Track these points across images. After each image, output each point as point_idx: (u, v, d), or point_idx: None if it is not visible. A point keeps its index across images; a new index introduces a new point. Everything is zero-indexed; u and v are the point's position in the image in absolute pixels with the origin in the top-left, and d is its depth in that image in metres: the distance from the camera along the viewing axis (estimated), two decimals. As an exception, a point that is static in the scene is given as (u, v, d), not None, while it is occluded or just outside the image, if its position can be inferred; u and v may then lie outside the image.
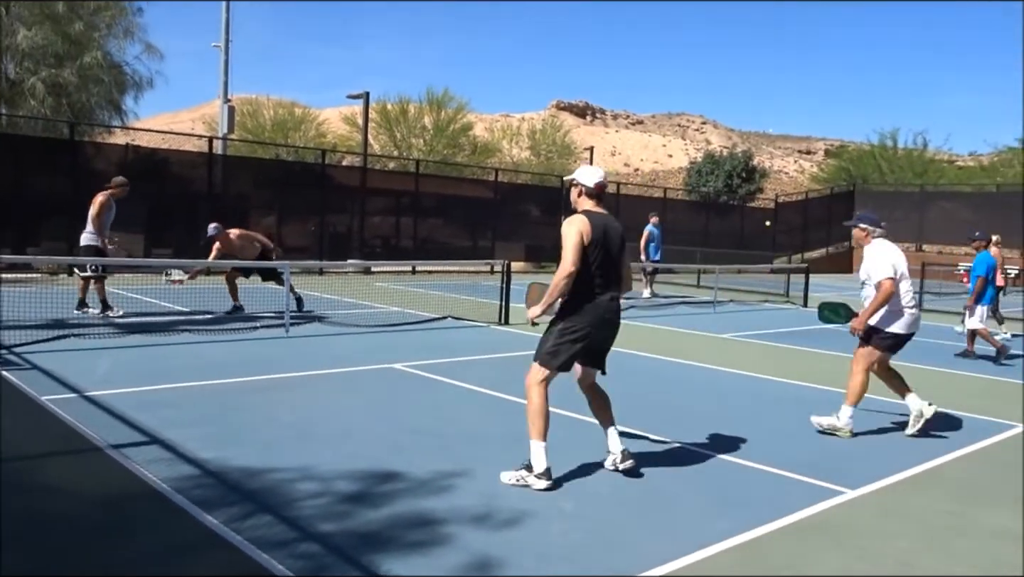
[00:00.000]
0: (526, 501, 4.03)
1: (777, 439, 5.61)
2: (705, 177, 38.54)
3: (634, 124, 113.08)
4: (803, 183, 64.21)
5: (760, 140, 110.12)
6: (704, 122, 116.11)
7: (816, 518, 4.04)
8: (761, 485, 4.55)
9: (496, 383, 6.95)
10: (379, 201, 22.72)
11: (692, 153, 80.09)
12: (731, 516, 3.98)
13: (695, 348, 9.88)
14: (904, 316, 5.74)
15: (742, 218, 34.03)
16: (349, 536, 3.48)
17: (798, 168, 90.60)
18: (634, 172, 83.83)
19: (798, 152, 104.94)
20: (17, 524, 3.48)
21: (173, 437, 4.79)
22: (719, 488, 4.44)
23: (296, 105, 39.65)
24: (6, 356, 7.03)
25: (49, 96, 19.69)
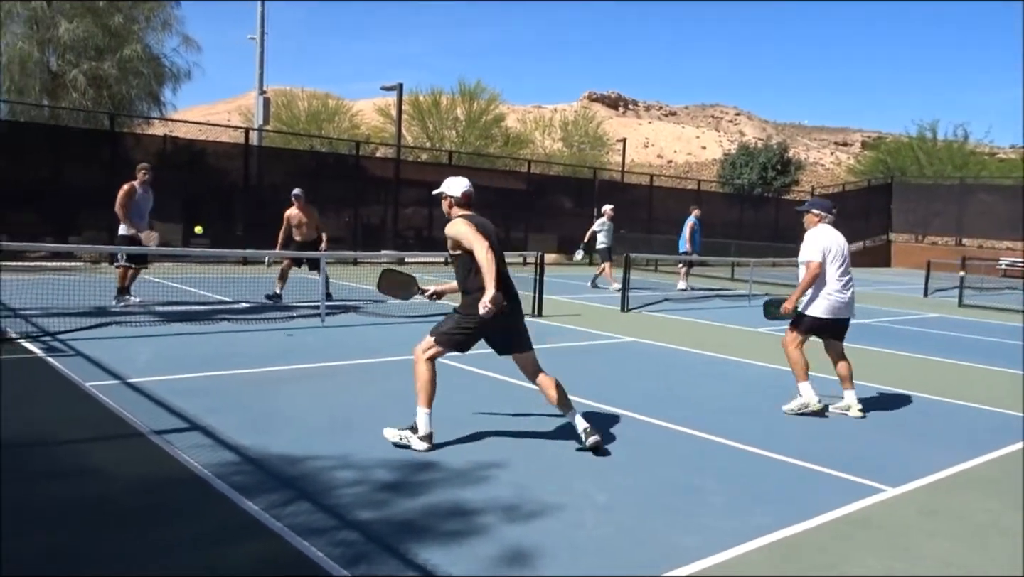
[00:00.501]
0: (560, 494, 4.04)
1: (813, 434, 5.55)
2: (739, 169, 38.08)
3: (667, 115, 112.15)
4: (839, 175, 63.20)
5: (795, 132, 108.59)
6: (738, 113, 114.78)
7: (855, 516, 3.99)
8: (797, 481, 4.51)
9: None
10: (412, 192, 22.82)
11: (726, 145, 79.20)
12: (766, 512, 3.95)
13: (729, 341, 9.81)
14: (826, 301, 5.97)
15: (777, 211, 33.59)
16: (387, 524, 3.52)
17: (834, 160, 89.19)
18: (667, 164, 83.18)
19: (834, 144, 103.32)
20: (64, 507, 3.57)
21: (213, 424, 4.88)
22: (754, 484, 4.41)
23: (330, 97, 39.93)
24: (51, 343, 7.21)
25: (90, 88, 20.05)
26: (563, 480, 4.26)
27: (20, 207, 16.32)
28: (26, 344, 7.09)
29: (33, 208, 16.51)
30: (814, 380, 6.12)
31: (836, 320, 6.06)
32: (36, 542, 3.21)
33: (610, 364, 7.84)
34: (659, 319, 11.79)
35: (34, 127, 18.56)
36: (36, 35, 20.03)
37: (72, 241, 15.98)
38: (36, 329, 7.78)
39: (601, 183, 28.28)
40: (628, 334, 9.84)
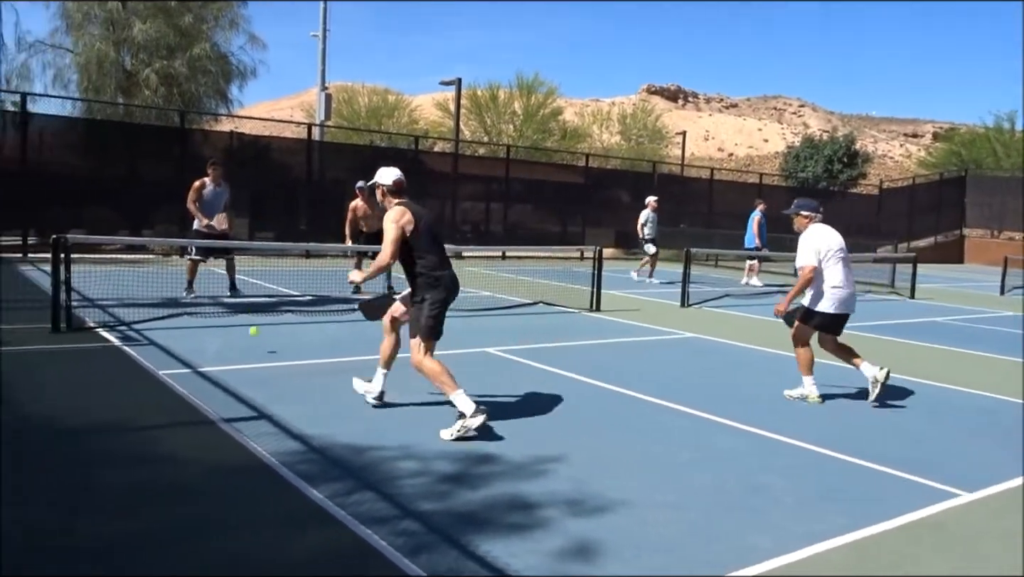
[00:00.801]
0: (622, 490, 4.00)
1: (884, 435, 5.37)
2: (803, 162, 37.13)
3: (728, 108, 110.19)
4: (909, 168, 61.18)
5: (863, 123, 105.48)
6: (802, 105, 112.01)
7: (931, 520, 3.85)
8: (869, 482, 4.37)
9: (588, 369, 6.93)
10: (469, 186, 22.93)
11: (789, 137, 77.44)
12: (839, 513, 3.84)
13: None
14: (829, 296, 6.08)
15: (843, 205, 32.66)
16: (448, 516, 3.54)
17: (904, 152, 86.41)
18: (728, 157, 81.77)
19: (904, 135, 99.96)
20: (136, 491, 3.69)
21: (280, 413, 4.98)
22: (825, 484, 4.29)
23: (389, 92, 40.40)
24: (126, 332, 7.47)
25: (162, 86, 20.72)
26: (624, 476, 4.22)
27: (97, 202, 16.97)
28: (103, 333, 7.37)
29: (109, 203, 17.14)
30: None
31: (839, 315, 6.17)
32: (111, 522, 3.33)
33: (670, 360, 7.74)
34: (720, 315, 11.59)
35: (110, 125, 19.26)
36: (112, 36, 20.77)
37: (145, 234, 16.55)
38: (112, 319, 8.07)
39: (660, 177, 27.95)
40: (688, 330, 9.70)
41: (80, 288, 8.58)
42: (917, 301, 15.19)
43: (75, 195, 16.54)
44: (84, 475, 3.85)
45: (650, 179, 26.62)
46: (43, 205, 15.66)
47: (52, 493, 3.61)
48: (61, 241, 7.40)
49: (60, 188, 16.22)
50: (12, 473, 3.83)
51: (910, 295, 15.67)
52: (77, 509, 3.45)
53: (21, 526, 3.25)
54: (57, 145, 17.31)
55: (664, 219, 26.63)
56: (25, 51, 20.88)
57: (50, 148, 16.95)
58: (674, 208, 26.75)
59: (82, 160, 17.81)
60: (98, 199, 16.97)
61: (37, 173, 15.64)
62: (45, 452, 4.17)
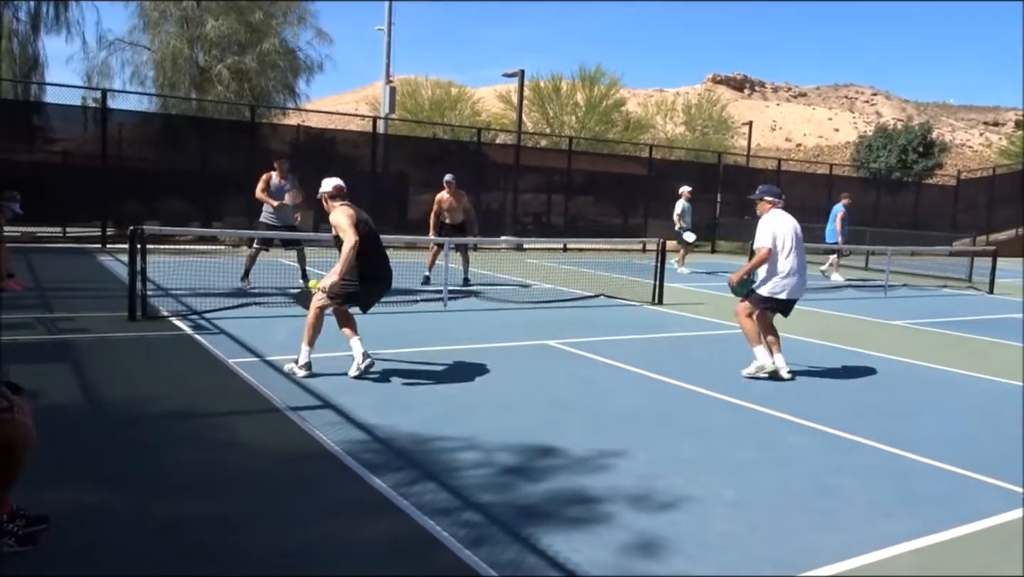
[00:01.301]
0: (687, 486, 3.93)
1: (959, 436, 5.15)
2: (876, 152, 35.88)
3: (796, 97, 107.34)
4: (989, 157, 58.59)
5: (939, 111, 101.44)
6: (875, 93, 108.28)
7: (1010, 526, 3.67)
8: (944, 485, 4.20)
9: (650, 362, 6.84)
10: (531, 178, 22.90)
11: (861, 127, 74.97)
12: (911, 516, 3.69)
13: (864, 335, 9.27)
14: (776, 282, 6.39)
15: (917, 196, 31.47)
16: (509, 508, 3.54)
17: (984, 141, 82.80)
18: (796, 148, 79.72)
19: (984, 124, 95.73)
20: (207, 474, 3.80)
21: (344, 402, 5.06)
22: (896, 486, 4.13)
23: (452, 84, 40.61)
24: (198, 321, 7.71)
25: (233, 81, 21.25)
26: (688, 473, 4.14)
27: (171, 194, 17.55)
28: (176, 322, 7.61)
29: (182, 195, 17.71)
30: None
31: (787, 300, 6.50)
32: (182, 505, 3.43)
33: (734, 356, 7.57)
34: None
35: (184, 119, 19.87)
36: (186, 33, 21.40)
37: (215, 226, 17.04)
38: (185, 308, 8.34)
39: (726, 168, 27.40)
40: (754, 324, 9.47)
41: (155, 278, 8.88)
42: (996, 296, 14.54)
43: (150, 188, 17.14)
44: (155, 459, 3.99)
45: (715, 170, 26.13)
46: (121, 198, 16.28)
47: (126, 475, 3.75)
48: (137, 232, 7.68)
49: (137, 181, 16.83)
50: (90, 455, 3.98)
51: (989, 290, 15.01)
52: (149, 491, 3.57)
53: (98, 506, 3.38)
54: (134, 139, 17.96)
55: (730, 211, 26.20)
56: (105, 49, 21.70)
57: (128, 142, 17.60)
58: (740, 200, 26.21)
59: (157, 154, 18.46)
60: (172, 191, 17.54)
61: (115, 167, 16.26)
62: (119, 435, 4.33)
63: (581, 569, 3.00)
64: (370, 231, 5.81)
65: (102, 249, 14.70)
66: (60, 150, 17.53)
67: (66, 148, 17.55)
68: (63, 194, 15.57)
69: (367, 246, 5.70)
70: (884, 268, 15.36)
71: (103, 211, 15.72)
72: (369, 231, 5.79)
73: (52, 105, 18.27)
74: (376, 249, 5.90)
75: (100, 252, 14.24)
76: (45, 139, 17.68)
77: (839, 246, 15.55)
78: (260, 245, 10.39)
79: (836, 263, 16.02)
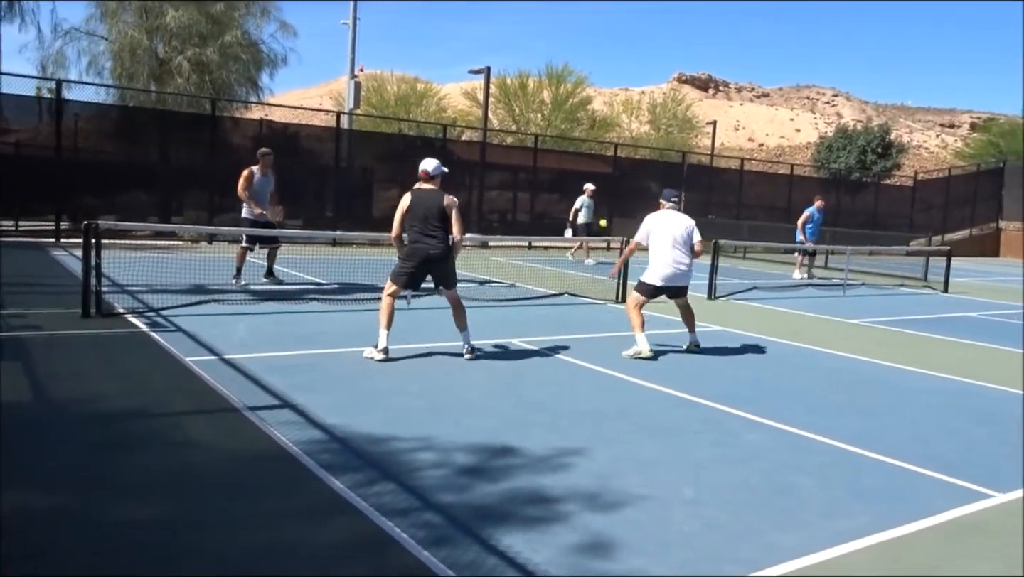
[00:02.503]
0: (644, 486, 3.95)
1: (913, 433, 5.26)
2: (836, 153, 36.54)
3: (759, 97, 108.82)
4: (945, 159, 60.03)
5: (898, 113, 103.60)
6: (836, 94, 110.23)
7: (963, 520, 3.75)
8: (897, 481, 4.28)
9: (612, 362, 6.87)
10: (497, 176, 22.86)
11: (822, 127, 76.28)
12: (866, 513, 3.76)
13: (823, 333, 9.42)
14: (655, 271, 7.33)
15: (876, 197, 32.10)
16: (468, 508, 3.52)
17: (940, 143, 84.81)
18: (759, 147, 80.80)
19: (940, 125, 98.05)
20: (161, 476, 3.72)
21: (303, 402, 5.00)
22: (851, 483, 4.20)
23: (418, 81, 40.37)
24: (154, 319, 7.55)
25: (193, 73, 20.84)
26: (647, 472, 4.17)
27: (128, 188, 17.19)
28: (132, 319, 7.45)
29: (140, 189, 17.36)
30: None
31: (668, 287, 7.37)
32: (134, 507, 3.35)
33: (697, 354, 7.65)
34: (748, 308, 11.45)
35: (142, 111, 19.47)
36: (145, 23, 20.93)
37: (174, 221, 16.73)
38: (141, 305, 8.16)
39: (690, 167, 27.66)
40: (716, 323, 9.59)
41: (110, 274, 8.68)
42: (951, 295, 14.90)
43: (107, 181, 16.77)
44: (109, 459, 3.89)
45: (679, 169, 26.36)
46: (76, 191, 15.90)
47: (77, 476, 3.65)
48: (92, 227, 7.49)
49: (92, 174, 16.46)
50: (40, 456, 3.87)
51: (943, 289, 15.37)
52: (101, 493, 3.48)
53: (47, 508, 3.29)
54: (90, 132, 17.54)
55: (693, 210, 26.47)
56: (61, 38, 21.12)
57: (84, 135, 17.18)
58: (703, 198, 26.49)
59: (114, 147, 18.04)
60: (129, 185, 17.19)
61: (71, 159, 15.88)
62: (72, 436, 4.22)
63: (541, 569, 3.00)
64: (425, 214, 6.57)
65: (56, 244, 14.34)
66: (13, 141, 17.05)
67: (19, 139, 17.08)
68: (16, 187, 15.15)
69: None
70: (843, 267, 15.64)
71: (57, 205, 15.34)
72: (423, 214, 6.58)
73: (5, 96, 17.76)
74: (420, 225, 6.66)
75: (54, 247, 13.89)
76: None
77: (803, 245, 15.82)
78: (248, 244, 10.22)
79: (800, 261, 16.29)
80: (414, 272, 6.55)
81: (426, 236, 6.47)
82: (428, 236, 6.47)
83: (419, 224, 6.47)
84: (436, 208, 6.49)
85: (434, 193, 6.58)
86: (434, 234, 6.48)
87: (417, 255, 6.49)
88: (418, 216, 6.47)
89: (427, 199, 6.52)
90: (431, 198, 6.53)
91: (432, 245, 6.48)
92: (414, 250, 6.51)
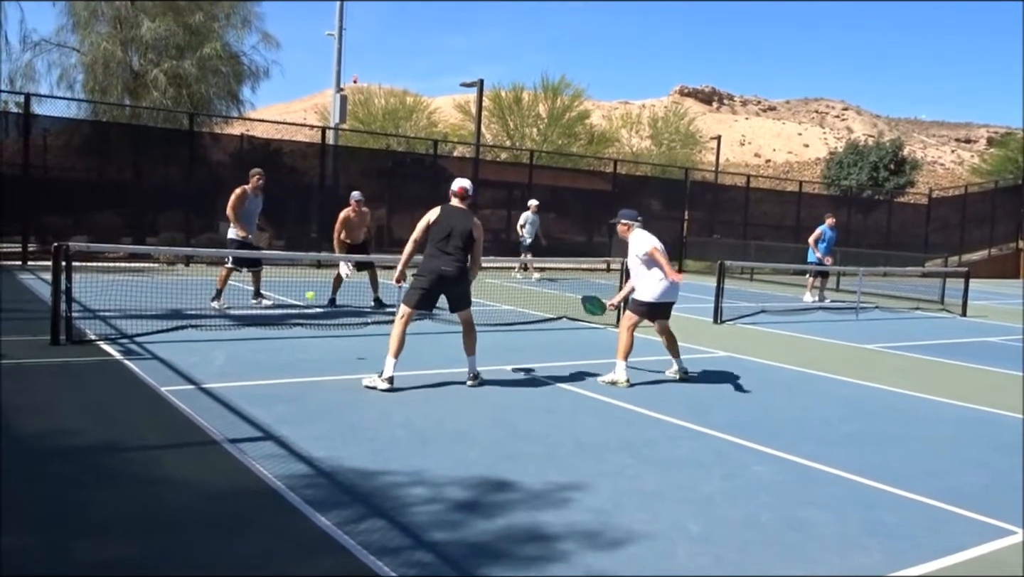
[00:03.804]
0: (648, 522, 3.96)
1: (930, 465, 5.29)
2: (847, 169, 36.86)
3: (766, 111, 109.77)
4: (961, 175, 60.56)
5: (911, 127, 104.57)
6: (846, 108, 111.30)
7: (986, 559, 3.77)
8: (914, 517, 4.30)
9: (612, 389, 6.90)
10: (490, 193, 22.99)
11: (832, 142, 76.94)
12: (881, 550, 3.77)
13: (835, 359, 9.46)
14: (656, 287, 7.30)
15: (889, 215, 32.33)
16: (462, 546, 3.52)
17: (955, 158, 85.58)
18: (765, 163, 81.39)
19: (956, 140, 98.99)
20: (135, 513, 3.71)
21: (287, 434, 5.00)
22: (865, 518, 4.22)
23: (408, 94, 40.64)
24: (128, 346, 7.55)
25: (170, 87, 20.98)
26: (651, 507, 4.18)
27: (101, 207, 17.21)
28: (104, 346, 7.45)
29: (113, 208, 17.38)
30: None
31: (659, 304, 7.38)
32: (106, 547, 3.34)
33: (703, 381, 7.68)
34: (756, 332, 11.49)
35: (115, 127, 19.55)
36: (119, 35, 21.09)
37: (149, 242, 16.74)
38: (114, 331, 8.17)
39: (693, 184, 27.84)
40: (722, 348, 9.62)
41: (81, 298, 8.68)
42: (969, 319, 14.98)
43: (78, 200, 16.81)
44: (78, 496, 3.88)
45: (682, 186, 26.53)
46: (44, 210, 15.92)
47: (46, 515, 3.64)
48: (63, 249, 7.51)
49: (62, 193, 16.49)
50: (4, 492, 3.86)
51: (961, 312, 15.45)
52: (71, 532, 3.48)
53: (12, 549, 3.28)
54: (60, 148, 17.63)
55: (697, 229, 26.62)
56: (30, 50, 21.22)
57: (53, 151, 17.25)
58: (707, 217, 26.66)
59: (86, 164, 18.12)
60: (102, 204, 17.22)
61: (39, 177, 15.92)
62: (39, 471, 4.21)
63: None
64: (448, 232, 6.67)
65: (22, 266, 14.33)
66: (-23, 158, 17.09)
67: (-16, 156, 17.12)
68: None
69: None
70: (856, 289, 15.73)
71: (24, 225, 15.33)
72: (447, 232, 6.69)
73: (-31, 110, 17.86)
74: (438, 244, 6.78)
75: (20, 269, 13.88)
76: (-41, 146, 17.24)
77: (815, 267, 15.91)
78: (233, 265, 10.27)
79: (811, 283, 16.37)
80: (428, 290, 6.58)
81: (444, 253, 6.55)
82: (446, 253, 6.55)
83: (440, 241, 6.56)
84: (464, 228, 6.61)
85: (465, 213, 6.72)
86: (452, 253, 6.56)
87: (431, 272, 6.55)
88: (442, 232, 6.57)
89: (457, 217, 6.65)
90: (461, 217, 6.66)
91: (447, 263, 6.54)
92: (428, 266, 6.58)
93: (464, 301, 6.77)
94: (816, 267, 16.00)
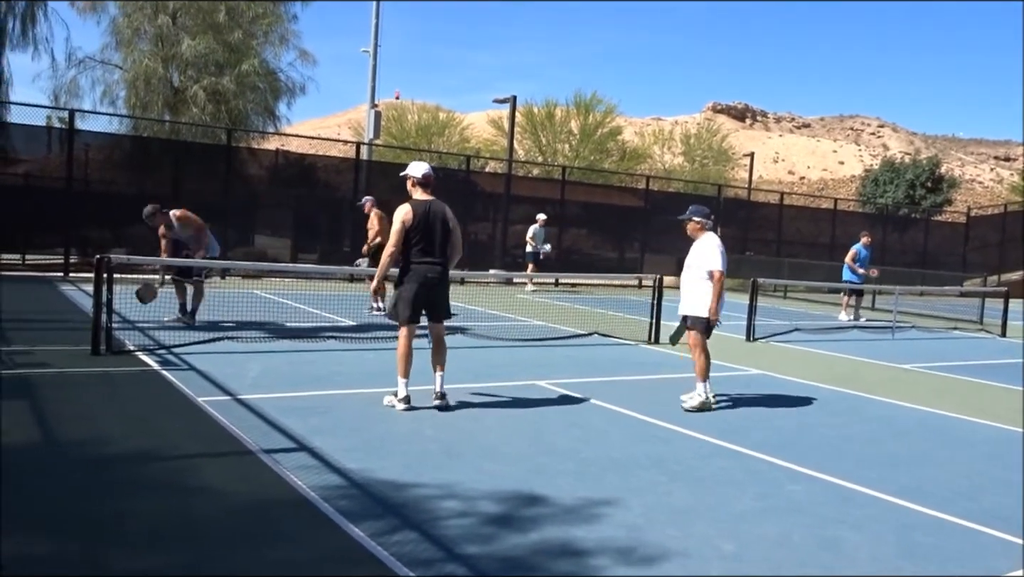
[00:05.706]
0: (680, 539, 3.94)
1: (968, 487, 5.19)
2: (883, 187, 36.45)
3: (800, 127, 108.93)
4: (1001, 194, 59.52)
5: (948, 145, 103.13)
6: (881, 125, 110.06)
7: (1023, 584, 3.70)
8: (951, 539, 4.23)
9: (644, 405, 6.87)
10: (522, 209, 23.03)
11: (867, 160, 76.14)
12: (916, 572, 3.72)
13: (870, 379, 9.34)
14: (700, 302, 6.91)
15: (926, 233, 31.87)
16: (494, 561, 3.54)
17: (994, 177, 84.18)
18: (800, 181, 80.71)
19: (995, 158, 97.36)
20: (171, 522, 3.78)
21: (320, 445, 5.06)
22: (901, 539, 4.16)
23: (440, 109, 41.04)
24: (166, 356, 7.69)
25: (209, 103, 21.44)
26: (683, 524, 4.16)
27: (140, 220, 17.52)
28: (143, 357, 7.59)
29: (153, 222, 17.69)
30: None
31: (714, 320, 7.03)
32: (142, 555, 3.41)
33: (736, 399, 7.62)
34: (789, 350, 11.39)
35: (156, 142, 19.97)
36: (161, 52, 21.62)
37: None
38: (152, 342, 8.32)
39: (726, 201, 27.70)
40: (755, 366, 9.55)
41: (120, 309, 8.86)
42: (1009, 339, 14.69)
43: (118, 214, 17.14)
44: (116, 505, 3.96)
45: (715, 203, 26.41)
46: (86, 223, 16.28)
47: (83, 522, 3.72)
48: (104, 261, 7.68)
49: (104, 206, 16.85)
50: (44, 500, 3.96)
51: (1001, 333, 15.16)
52: (108, 540, 3.55)
53: (50, 556, 3.35)
54: (102, 162, 18.04)
55: (730, 246, 26.42)
56: (75, 67, 21.85)
57: (95, 165, 17.66)
58: (740, 234, 26.48)
59: (127, 178, 18.51)
60: (141, 218, 17.53)
61: (81, 191, 16.29)
62: (78, 479, 4.31)
63: (569, 626, 3.00)
64: (427, 231, 6.18)
65: (64, 278, 14.66)
66: (22, 172, 17.57)
67: (28, 170, 17.60)
68: (24, 219, 15.56)
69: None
70: (892, 308, 15.52)
71: (66, 237, 15.69)
72: (426, 231, 6.20)
73: (15, 125, 18.34)
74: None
75: (62, 281, 14.20)
76: (6, 160, 17.71)
77: (850, 285, 15.75)
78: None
79: (846, 302, 16.19)
80: (417, 299, 6.07)
81: (426, 255, 6.05)
82: (428, 256, 6.05)
83: (421, 243, 6.01)
84: (441, 222, 6.07)
85: (436, 204, 6.12)
86: (434, 254, 6.06)
87: (417, 280, 6.03)
88: (420, 233, 5.99)
89: (432, 213, 6.05)
90: (434, 210, 6.07)
91: (431, 268, 6.05)
92: (414, 275, 6.04)
93: (445, 309, 6.31)
94: (851, 285, 15.82)
